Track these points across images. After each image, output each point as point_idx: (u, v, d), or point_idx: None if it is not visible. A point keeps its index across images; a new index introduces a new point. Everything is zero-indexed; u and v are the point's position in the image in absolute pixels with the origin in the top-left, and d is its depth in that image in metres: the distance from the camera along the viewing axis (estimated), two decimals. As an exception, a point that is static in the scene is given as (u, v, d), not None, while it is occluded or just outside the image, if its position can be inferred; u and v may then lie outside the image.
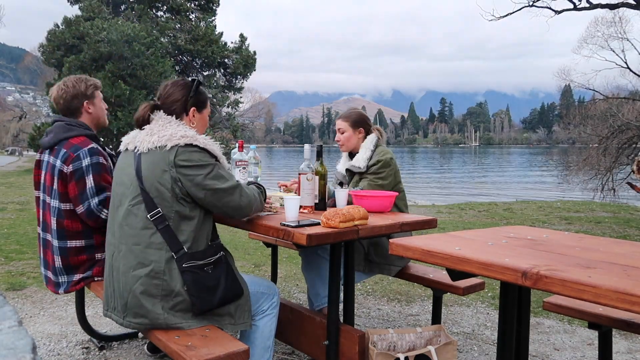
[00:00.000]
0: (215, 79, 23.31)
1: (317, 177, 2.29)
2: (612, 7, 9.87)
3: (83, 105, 2.48)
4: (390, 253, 1.59)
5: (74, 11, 20.55)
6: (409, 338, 2.23)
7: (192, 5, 23.15)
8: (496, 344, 1.95)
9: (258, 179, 2.63)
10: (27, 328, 2.17)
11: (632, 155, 9.47)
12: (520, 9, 10.66)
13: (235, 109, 24.56)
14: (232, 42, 23.03)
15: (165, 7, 22.44)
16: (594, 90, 11.69)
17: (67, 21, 19.04)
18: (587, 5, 9.92)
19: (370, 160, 2.74)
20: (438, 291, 2.63)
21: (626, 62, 11.20)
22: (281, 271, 4.34)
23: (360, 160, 2.75)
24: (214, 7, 23.43)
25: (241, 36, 23.08)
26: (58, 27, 19.33)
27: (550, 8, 10.49)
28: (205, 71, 23.37)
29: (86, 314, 2.77)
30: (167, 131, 1.86)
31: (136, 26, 18.11)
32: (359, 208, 2.01)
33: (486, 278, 1.68)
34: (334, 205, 2.40)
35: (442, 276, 2.58)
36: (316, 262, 2.61)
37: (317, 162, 2.32)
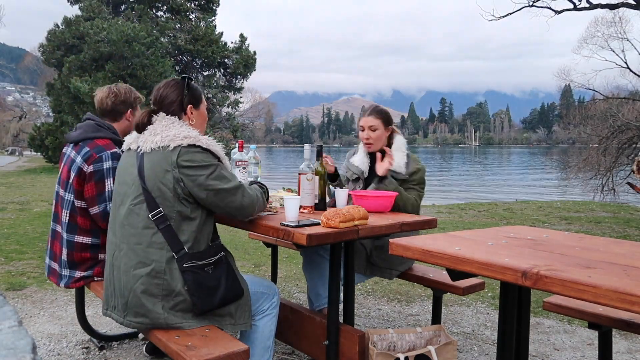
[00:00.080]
0: (215, 79, 23.32)
1: (317, 177, 2.29)
2: (612, 7, 9.87)
3: (127, 112, 2.59)
4: (390, 253, 1.58)
5: (74, 11, 20.58)
6: (409, 338, 2.23)
7: (192, 5, 23.16)
8: (496, 344, 1.95)
9: (258, 179, 2.63)
10: (27, 328, 2.17)
11: (632, 155, 9.47)
12: (520, 9, 10.68)
13: (235, 109, 24.58)
14: (232, 42, 23.06)
15: (165, 7, 22.45)
16: (594, 90, 11.70)
17: (67, 21, 19.06)
18: (587, 5, 9.93)
19: (408, 166, 2.62)
20: (438, 291, 2.63)
21: (626, 62, 11.21)
22: (281, 271, 4.34)
23: (400, 166, 2.61)
24: (214, 7, 23.44)
25: (241, 36, 23.09)
26: (58, 27, 19.35)
27: (550, 8, 10.50)
28: (205, 71, 23.38)
29: (86, 314, 2.77)
30: (171, 131, 1.86)
31: (136, 26, 18.12)
32: (359, 208, 2.01)
33: (486, 278, 1.68)
34: (334, 205, 2.40)
35: (442, 276, 2.58)
36: (317, 262, 2.61)
37: (317, 162, 2.32)
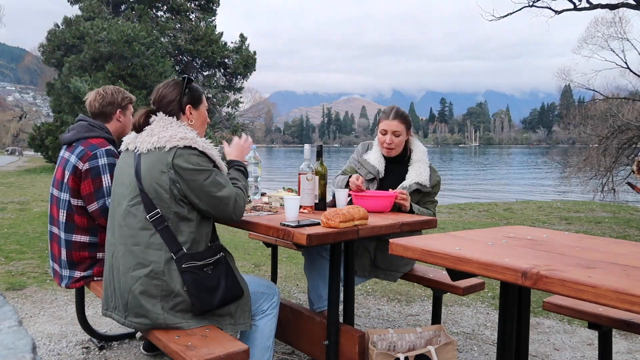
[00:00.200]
0: (215, 79, 23.30)
1: (317, 177, 2.29)
2: (612, 7, 9.87)
3: (116, 112, 2.60)
4: (390, 253, 1.58)
5: (74, 11, 20.58)
6: (409, 338, 2.23)
7: (192, 5, 23.14)
8: (496, 344, 1.95)
9: (258, 179, 2.64)
10: (27, 328, 2.17)
11: (632, 155, 9.47)
12: (520, 9, 10.67)
13: (235, 109, 24.56)
14: (232, 42, 23.02)
15: (165, 7, 22.43)
16: (594, 90, 11.69)
17: (67, 21, 19.06)
18: (587, 5, 9.92)
19: (431, 179, 2.62)
20: (438, 291, 2.63)
21: (626, 62, 11.21)
22: (281, 271, 4.34)
23: (426, 178, 2.60)
24: (214, 7, 23.42)
25: (241, 36, 23.07)
26: (58, 27, 19.35)
27: (550, 8, 10.49)
28: (205, 71, 23.36)
29: (86, 314, 2.77)
30: (168, 132, 1.86)
31: (136, 26, 18.11)
32: (359, 208, 2.01)
33: (486, 278, 1.68)
34: (334, 205, 2.40)
35: (442, 276, 2.58)
36: (319, 263, 2.60)
37: (317, 162, 2.32)
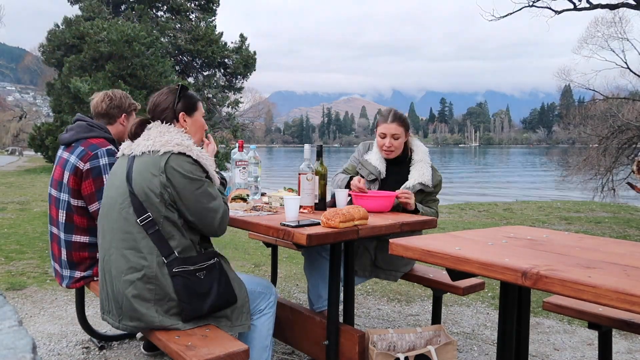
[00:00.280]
0: (215, 79, 23.28)
1: (317, 177, 2.29)
2: (612, 7, 9.87)
3: (121, 117, 2.62)
4: (390, 253, 1.58)
5: (74, 11, 20.55)
6: (409, 338, 2.23)
7: (192, 5, 23.13)
8: (496, 344, 1.95)
9: (258, 179, 2.64)
10: (27, 328, 2.17)
11: (632, 155, 9.48)
12: (520, 9, 10.68)
13: (235, 109, 24.52)
14: (232, 42, 22.99)
15: (165, 7, 22.41)
16: (594, 90, 11.70)
17: (67, 21, 19.03)
18: (587, 5, 9.93)
19: (433, 178, 2.64)
20: (438, 291, 2.63)
21: (626, 62, 11.22)
22: (281, 271, 4.34)
23: (428, 178, 2.62)
24: (214, 7, 23.40)
25: (241, 36, 23.05)
26: (58, 27, 19.32)
27: (550, 8, 10.50)
28: (205, 71, 23.34)
29: (86, 314, 2.77)
30: (164, 137, 1.86)
31: (136, 26, 18.09)
32: (359, 208, 2.01)
33: (486, 278, 1.68)
34: (334, 205, 2.40)
35: (442, 276, 2.58)
36: (319, 263, 2.60)
37: (317, 162, 2.32)
